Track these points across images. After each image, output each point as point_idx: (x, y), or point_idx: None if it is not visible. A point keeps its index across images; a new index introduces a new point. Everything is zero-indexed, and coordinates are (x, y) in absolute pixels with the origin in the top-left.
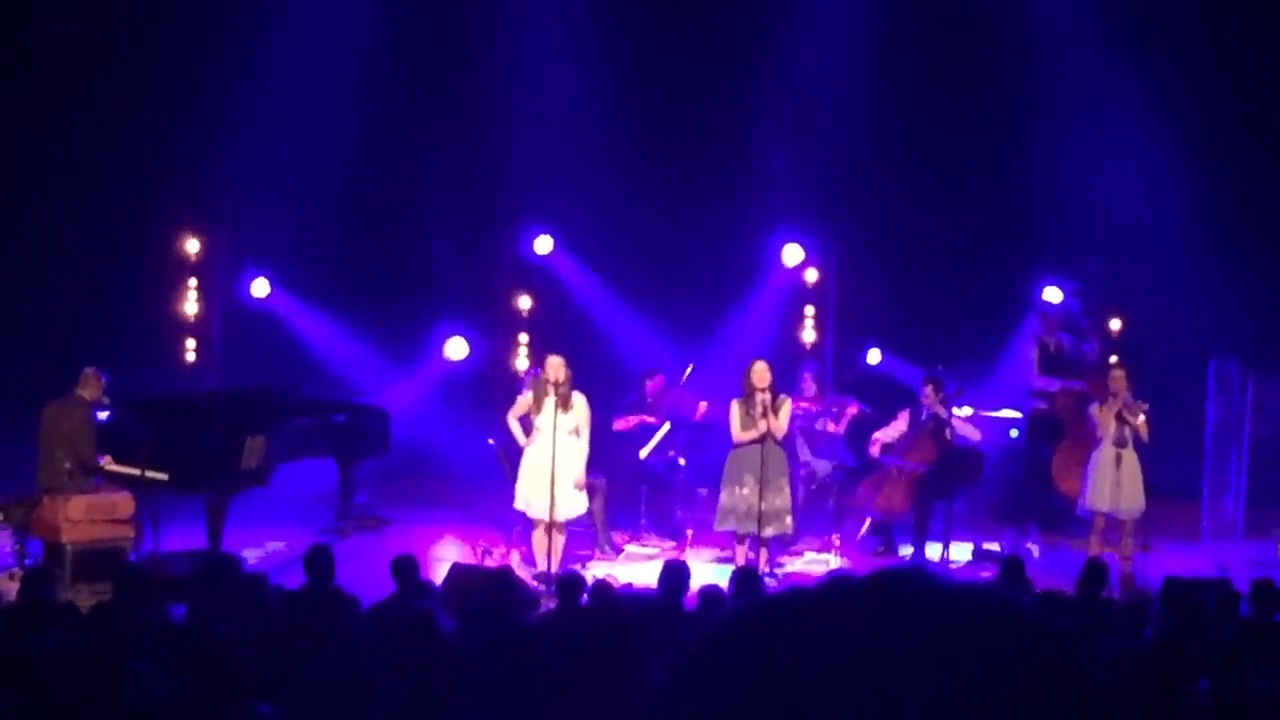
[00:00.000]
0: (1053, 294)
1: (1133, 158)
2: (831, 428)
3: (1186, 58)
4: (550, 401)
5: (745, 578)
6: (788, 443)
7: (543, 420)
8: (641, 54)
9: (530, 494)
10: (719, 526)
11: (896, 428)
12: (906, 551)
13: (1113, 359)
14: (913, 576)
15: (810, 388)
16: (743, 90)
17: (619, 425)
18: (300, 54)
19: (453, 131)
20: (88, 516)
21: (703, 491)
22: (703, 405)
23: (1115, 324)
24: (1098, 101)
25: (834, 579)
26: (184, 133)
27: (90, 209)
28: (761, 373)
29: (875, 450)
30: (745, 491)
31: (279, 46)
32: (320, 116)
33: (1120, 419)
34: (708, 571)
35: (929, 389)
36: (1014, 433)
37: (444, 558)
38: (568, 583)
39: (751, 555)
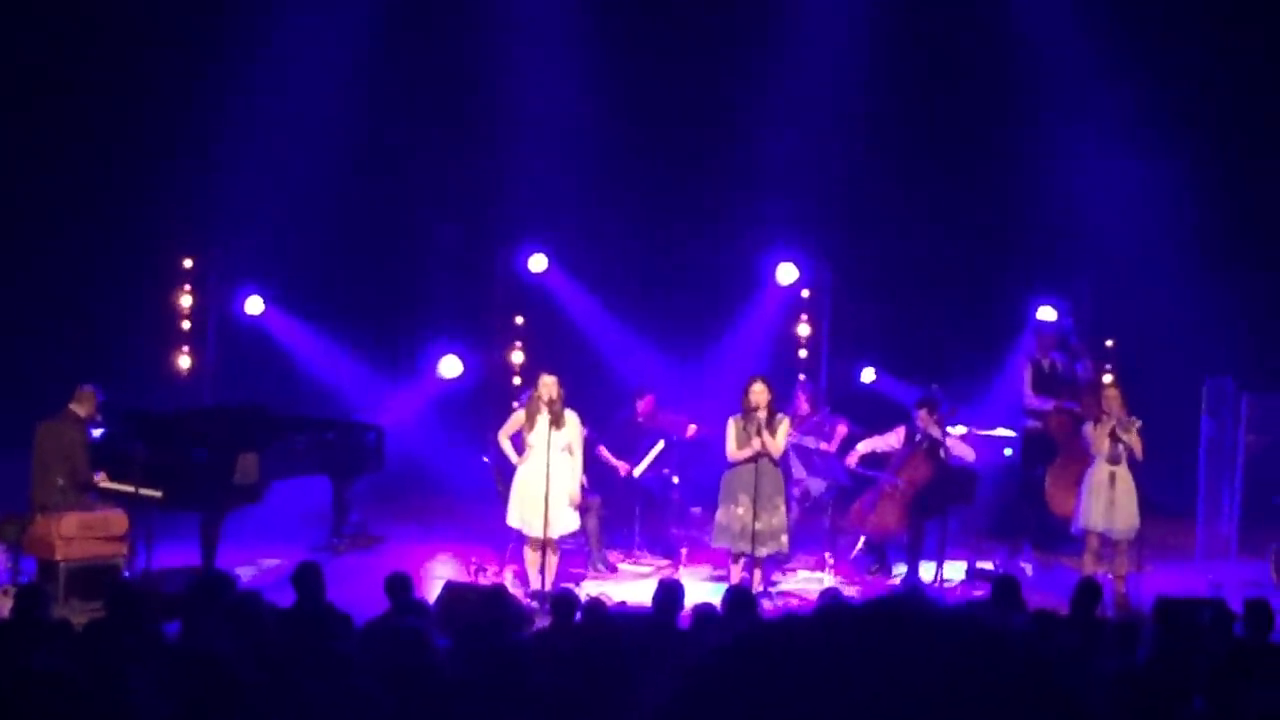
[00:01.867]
0: (1046, 313)
1: (1127, 176)
2: (823, 446)
3: (1180, 77)
4: (543, 419)
5: (739, 596)
6: (782, 460)
7: (536, 438)
8: (636, 72)
9: (524, 511)
10: (714, 544)
11: (886, 440)
12: (900, 570)
13: (1106, 378)
14: (905, 604)
15: (804, 406)
16: (736, 108)
17: (602, 453)
18: (295, 71)
19: (447, 150)
20: (81, 534)
21: (696, 510)
22: (692, 427)
23: (1109, 343)
24: (1092, 121)
25: (827, 607)
26: (180, 151)
27: (85, 228)
28: (760, 392)
29: (853, 460)
30: (740, 510)
31: (274, 63)
32: (315, 135)
33: (1114, 437)
34: (702, 590)
35: (923, 411)
36: (1008, 451)
37: (438, 575)
38: (561, 601)
39: (746, 574)
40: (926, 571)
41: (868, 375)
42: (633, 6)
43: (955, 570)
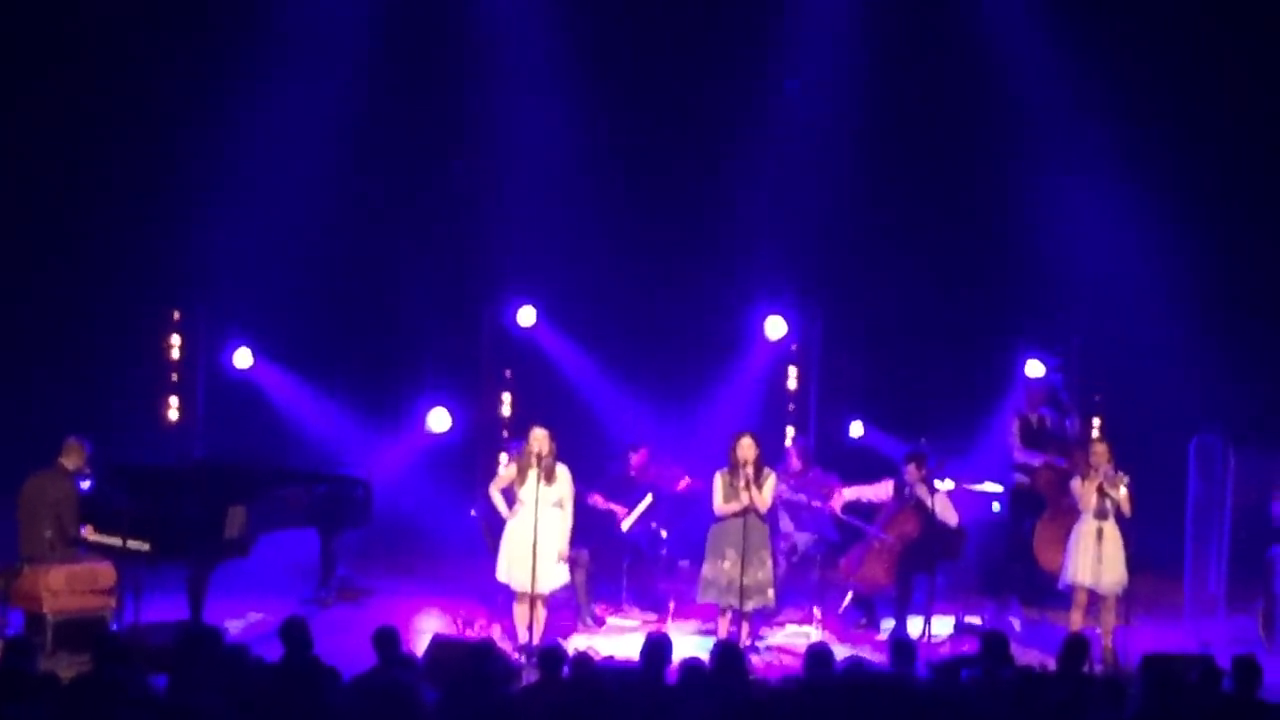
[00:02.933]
0: (1035, 368)
1: (1116, 232)
2: (816, 504)
3: (1171, 132)
4: (533, 473)
5: (727, 651)
6: (770, 515)
7: (526, 492)
8: (625, 126)
9: (512, 566)
10: (701, 599)
11: (875, 490)
12: (888, 625)
13: (1094, 432)
14: (887, 675)
15: (795, 463)
16: (725, 162)
17: (594, 500)
18: (283, 125)
19: (436, 203)
20: (69, 587)
21: (684, 564)
22: (685, 480)
23: (1097, 397)
24: (1081, 175)
25: (814, 677)
26: (168, 203)
27: (73, 279)
28: (747, 447)
29: (838, 504)
30: (727, 565)
31: (262, 118)
32: (304, 187)
33: (1101, 492)
34: (690, 644)
35: (911, 466)
36: (995, 506)
37: (425, 629)
38: (549, 655)
39: (733, 628)
40: (914, 626)
41: (856, 429)
42: (622, 62)
43: (943, 625)
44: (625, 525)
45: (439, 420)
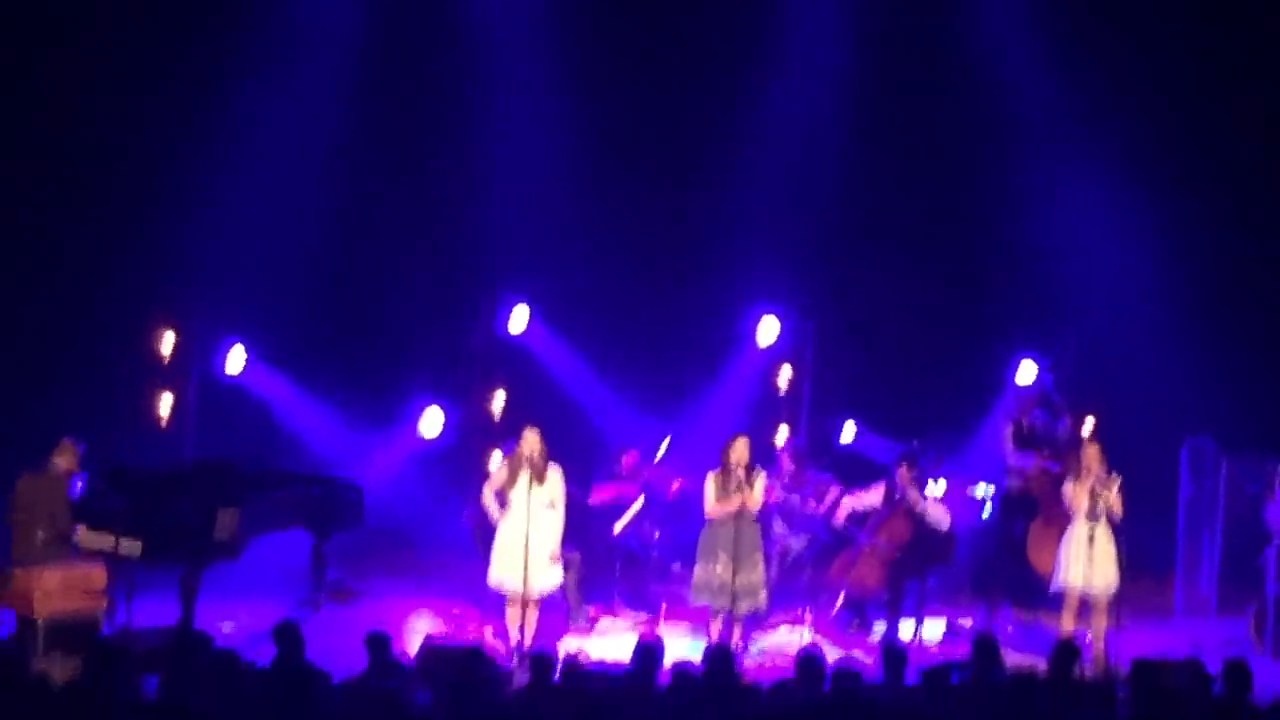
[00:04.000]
0: (1026, 372)
1: (1111, 233)
2: (814, 506)
3: (1166, 133)
4: (525, 475)
5: (718, 655)
6: (763, 517)
7: (517, 494)
8: (617, 128)
9: (504, 568)
10: (693, 601)
11: (868, 498)
12: (880, 627)
13: (1085, 433)
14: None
15: (788, 465)
16: (718, 163)
17: (595, 497)
18: (276, 127)
19: (428, 206)
20: (61, 588)
21: (676, 566)
22: (678, 483)
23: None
24: (1077, 178)
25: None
26: (162, 204)
27: (64, 279)
28: (741, 450)
29: (841, 517)
30: (719, 567)
31: (254, 120)
32: (296, 190)
33: (1093, 495)
34: (681, 646)
35: (903, 467)
36: (987, 509)
37: (418, 631)
38: (540, 659)
39: (725, 631)
40: (906, 629)
41: (848, 432)
42: (613, 64)
43: (935, 628)
44: (617, 528)
45: (432, 422)
